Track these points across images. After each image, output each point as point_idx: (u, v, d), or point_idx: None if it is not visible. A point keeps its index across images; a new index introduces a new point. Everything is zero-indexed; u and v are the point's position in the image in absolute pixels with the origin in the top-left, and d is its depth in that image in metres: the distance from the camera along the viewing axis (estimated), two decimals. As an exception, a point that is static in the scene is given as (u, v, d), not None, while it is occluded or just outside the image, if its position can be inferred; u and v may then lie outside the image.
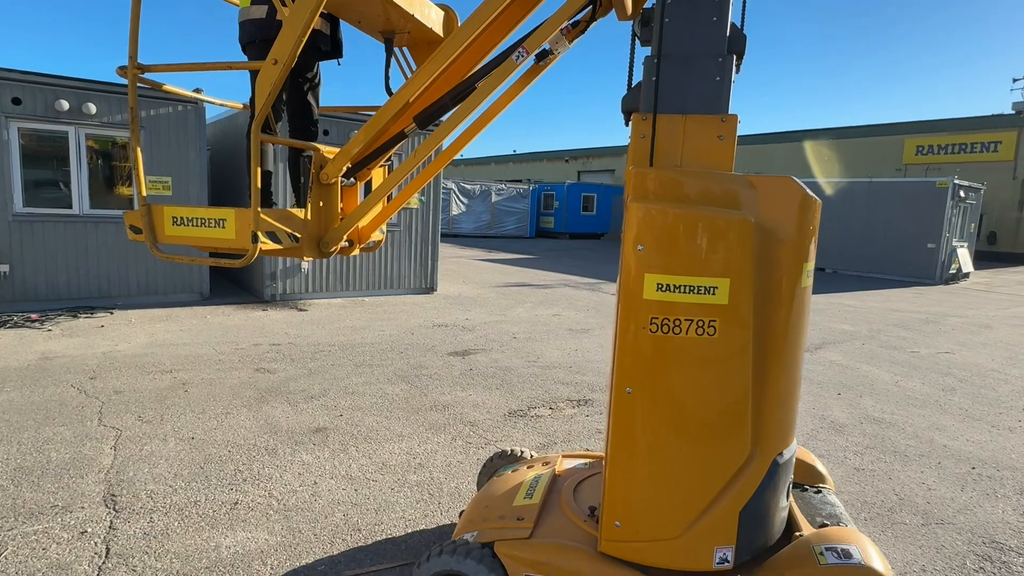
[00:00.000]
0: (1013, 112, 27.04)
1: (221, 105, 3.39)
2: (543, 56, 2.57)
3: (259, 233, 2.51)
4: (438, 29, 3.11)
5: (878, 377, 6.57)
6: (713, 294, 1.89)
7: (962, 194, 17.13)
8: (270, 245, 2.58)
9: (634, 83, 2.48)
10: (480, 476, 3.21)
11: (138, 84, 2.67)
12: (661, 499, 2.02)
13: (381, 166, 3.17)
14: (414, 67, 3.21)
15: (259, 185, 2.56)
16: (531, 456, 3.15)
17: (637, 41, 2.41)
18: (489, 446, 4.24)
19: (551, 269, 16.37)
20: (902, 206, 17.24)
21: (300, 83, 3.10)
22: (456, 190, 27.98)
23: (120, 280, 8.46)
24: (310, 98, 3.17)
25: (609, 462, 2.08)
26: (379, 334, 7.57)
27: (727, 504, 1.99)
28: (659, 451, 2.01)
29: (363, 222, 3.00)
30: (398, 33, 3.07)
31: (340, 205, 2.94)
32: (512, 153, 52.11)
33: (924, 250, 16.86)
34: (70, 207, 8.07)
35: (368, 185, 3.19)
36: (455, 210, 27.96)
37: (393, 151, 3.01)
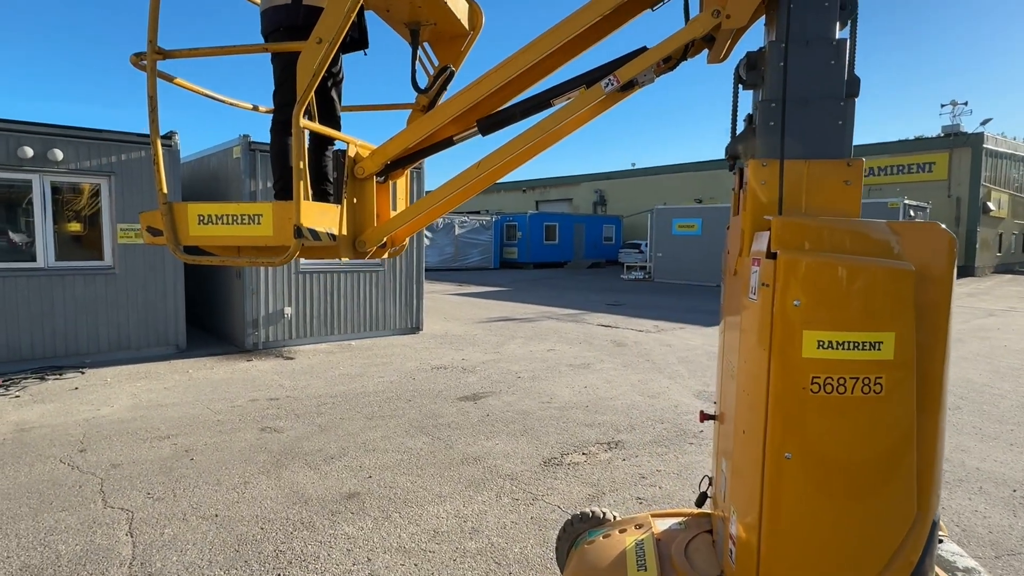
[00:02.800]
0: (943, 135, 28.92)
1: (232, 104, 3.13)
2: (628, 87, 2.48)
3: (303, 227, 2.29)
4: (464, 22, 3.00)
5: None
6: (879, 349, 1.79)
7: (912, 213, 18.07)
8: (311, 242, 2.36)
9: (738, 128, 2.42)
10: (559, 542, 2.99)
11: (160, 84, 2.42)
12: (829, 572, 1.87)
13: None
14: (437, 63, 3.07)
15: (304, 176, 2.33)
16: (614, 517, 2.95)
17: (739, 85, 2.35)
18: (538, 501, 4.02)
19: (527, 301, 16.27)
20: (858, 227, 18.00)
21: (324, 78, 2.90)
22: (420, 224, 27.73)
23: (89, 336, 7.86)
24: (333, 93, 2.97)
25: (766, 534, 1.92)
26: (379, 381, 7.24)
27: (895, 573, 1.86)
28: (824, 520, 1.87)
29: (404, 225, 2.82)
30: (424, 25, 2.93)
31: (375, 205, 2.77)
32: (469, 185, 52.29)
33: (882, 268, 17.59)
34: (34, 260, 7.49)
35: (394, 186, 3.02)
36: (420, 244, 27.70)
37: (429, 156, 2.86)
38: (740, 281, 2.19)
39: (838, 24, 2.11)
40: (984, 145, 27.74)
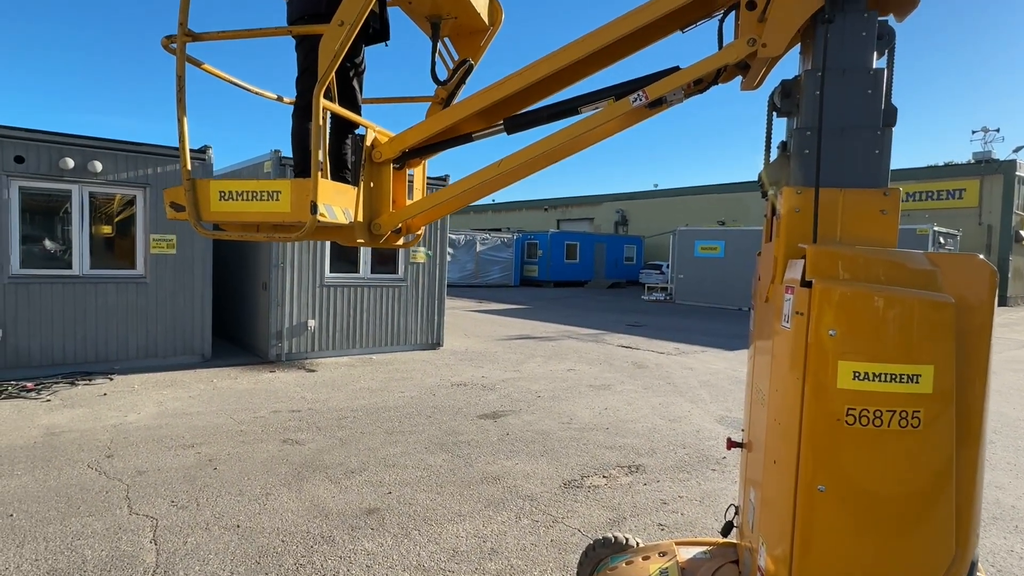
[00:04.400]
0: (974, 161, 28.42)
1: (256, 93, 3.18)
2: (657, 104, 2.49)
3: (319, 203, 2.33)
4: (484, 17, 3.04)
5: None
6: (916, 382, 1.76)
7: (942, 240, 17.73)
8: (328, 218, 2.42)
9: (772, 155, 2.41)
10: (580, 568, 2.96)
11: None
12: (862, 610, 1.82)
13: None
14: (456, 57, 3.11)
15: (320, 154, 2.38)
16: (637, 544, 2.91)
17: (772, 112, 2.35)
18: (558, 524, 3.98)
19: (547, 319, 16.24)
20: (885, 253, 17.68)
21: (347, 68, 2.96)
22: (442, 240, 27.96)
23: (119, 343, 8.03)
24: (355, 83, 3.02)
25: (797, 569, 1.88)
26: (400, 396, 7.26)
27: (932, 613, 1.80)
28: (858, 556, 1.83)
29: (420, 213, 2.85)
30: (445, 19, 2.97)
31: (391, 190, 2.81)
32: (492, 202, 52.72)
33: (910, 295, 17.22)
34: (70, 267, 7.70)
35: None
36: (441, 260, 27.88)
37: (447, 149, 2.89)
38: (772, 308, 2.17)
39: (875, 54, 2.11)
40: (1017, 173, 27.18)
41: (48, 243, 7.76)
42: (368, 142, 2.70)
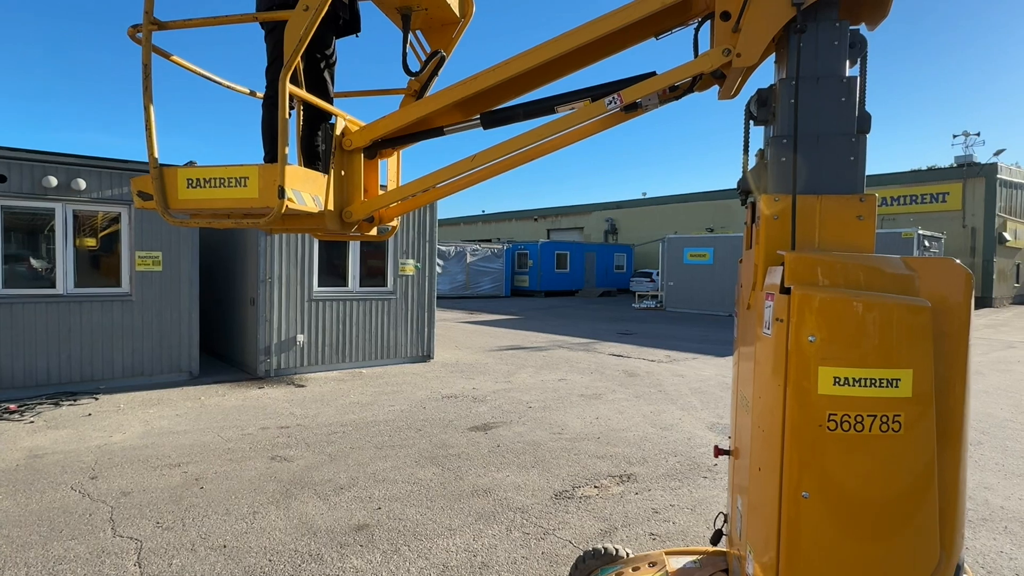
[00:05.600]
0: (956, 165, 28.84)
1: (228, 87, 3.18)
2: (632, 108, 2.52)
3: (286, 188, 2.33)
4: (455, 9, 3.07)
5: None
6: (896, 387, 1.77)
7: (927, 243, 17.93)
8: (296, 204, 2.41)
9: (750, 163, 2.43)
10: (571, 579, 2.93)
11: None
12: (849, 617, 1.81)
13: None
14: (428, 49, 3.14)
15: (286, 139, 2.37)
16: (627, 554, 2.90)
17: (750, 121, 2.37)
18: (549, 536, 3.95)
19: (538, 329, 16.23)
20: (872, 257, 17.87)
21: (317, 59, 2.97)
22: (432, 252, 27.94)
23: (104, 362, 7.93)
24: (326, 75, 3.02)
25: (783, 575, 1.88)
26: (389, 410, 7.21)
27: (919, 618, 1.80)
28: (844, 561, 1.82)
29: (393, 204, 2.86)
30: (415, 11, 2.99)
31: (363, 179, 2.82)
32: (481, 213, 52.81)
33: (897, 298, 17.39)
34: (54, 286, 7.61)
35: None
36: (431, 272, 27.83)
37: (419, 141, 2.90)
38: (754, 315, 2.18)
39: (848, 62, 2.13)
40: (998, 175, 27.61)
41: (32, 262, 7.67)
42: (338, 130, 2.72)
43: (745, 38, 2.16)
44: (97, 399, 7.36)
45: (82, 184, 7.57)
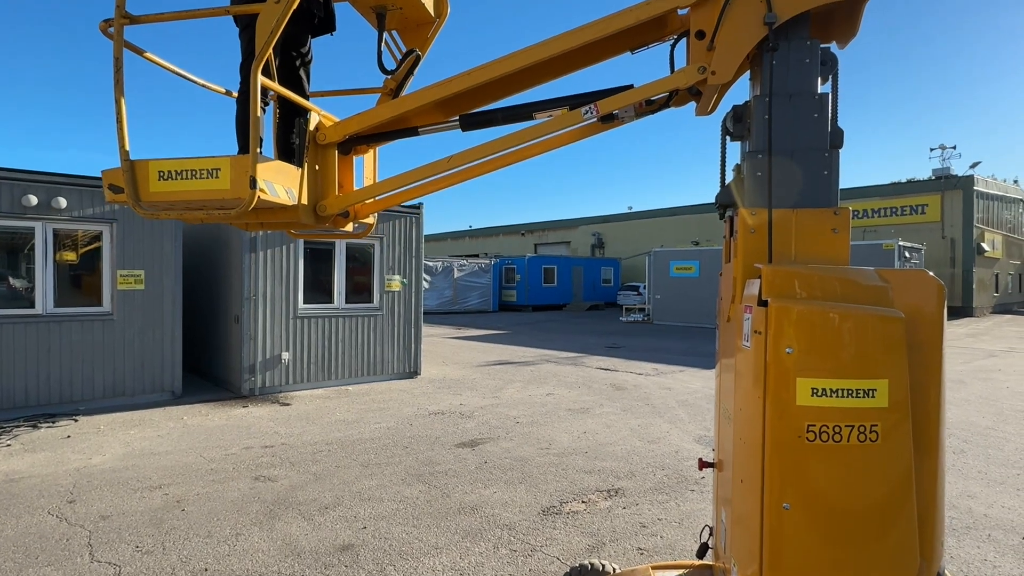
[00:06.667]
0: (935, 177, 29.42)
1: (204, 86, 3.18)
2: (608, 119, 2.56)
3: (258, 179, 2.32)
4: (430, 8, 3.10)
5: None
6: (872, 397, 1.79)
7: (907, 254, 18.21)
8: (268, 195, 2.40)
9: (727, 177, 2.47)
10: (558, 596, 2.91)
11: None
12: (832, 628, 1.82)
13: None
14: (403, 48, 3.17)
15: (258, 130, 2.36)
16: (614, 570, 2.88)
17: (726, 136, 2.42)
18: (536, 552, 3.92)
19: (526, 344, 16.22)
20: (854, 268, 18.12)
21: (292, 57, 2.97)
22: (419, 267, 27.89)
23: (84, 383, 7.80)
24: (302, 73, 3.03)
25: (766, 588, 1.88)
26: (376, 427, 7.15)
27: (901, 628, 1.81)
28: (826, 572, 1.83)
29: (368, 200, 2.87)
30: (390, 10, 3.02)
31: (337, 174, 2.83)
32: (468, 228, 52.91)
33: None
34: (32, 306, 7.50)
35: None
36: (419, 287, 27.77)
37: (394, 140, 2.92)
38: (734, 327, 2.20)
39: (819, 79, 2.19)
40: (975, 187, 28.21)
41: (10, 281, 7.56)
42: (312, 125, 2.74)
43: (719, 56, 2.21)
44: (76, 421, 7.23)
45: (63, 203, 7.49)
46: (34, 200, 7.29)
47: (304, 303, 9.37)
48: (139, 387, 8.24)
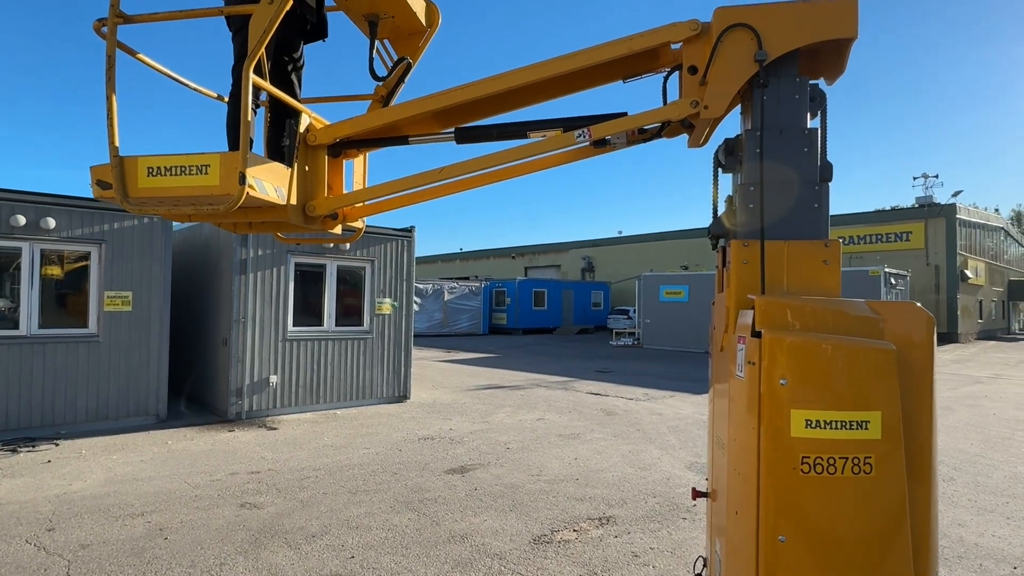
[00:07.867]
0: (918, 205, 29.95)
1: (196, 90, 3.18)
2: (600, 144, 2.60)
3: (247, 175, 2.31)
4: (421, 18, 3.15)
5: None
6: (866, 428, 1.80)
7: (893, 281, 18.44)
8: (257, 192, 2.40)
9: (719, 208, 2.51)
10: (550, 629, 2.86)
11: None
12: (829, 663, 1.80)
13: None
14: (395, 57, 3.21)
15: (248, 127, 2.37)
16: (607, 601, 2.84)
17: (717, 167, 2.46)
18: (527, 583, 3.86)
19: (516, 368, 16.15)
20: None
21: (284, 62, 2.99)
22: (409, 290, 27.84)
23: (67, 406, 7.65)
24: (293, 78, 3.05)
25: (763, 622, 1.86)
26: (364, 453, 7.05)
27: (898, 663, 1.79)
28: (822, 607, 1.82)
29: (358, 204, 2.90)
30: (382, 18, 3.07)
31: (326, 176, 2.85)
32: (459, 251, 53.01)
33: (867, 335, 17.76)
34: (16, 327, 7.38)
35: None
36: (408, 310, 27.67)
37: (384, 147, 2.96)
38: (727, 357, 2.21)
39: (808, 114, 2.24)
40: (957, 215, 28.74)
41: (-6, 302, 7.45)
42: (303, 127, 2.77)
43: (712, 91, 2.26)
44: (58, 445, 7.07)
45: (52, 223, 7.43)
46: (22, 220, 7.23)
47: (294, 326, 9.30)
48: (123, 410, 8.09)
